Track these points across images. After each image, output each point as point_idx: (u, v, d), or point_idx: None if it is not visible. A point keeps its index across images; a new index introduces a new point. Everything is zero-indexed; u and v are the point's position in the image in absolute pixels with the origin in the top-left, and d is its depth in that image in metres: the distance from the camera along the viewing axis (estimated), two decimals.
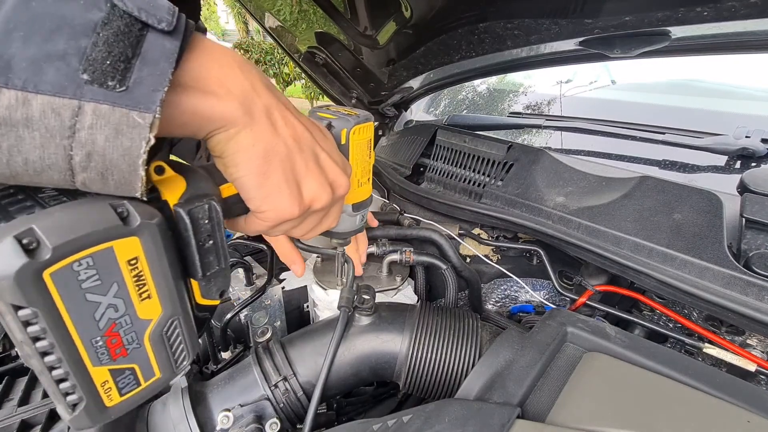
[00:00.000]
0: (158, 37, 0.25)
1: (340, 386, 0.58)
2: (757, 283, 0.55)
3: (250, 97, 0.31)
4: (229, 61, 0.30)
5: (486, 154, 0.94)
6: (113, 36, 0.23)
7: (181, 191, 0.30)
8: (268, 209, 0.35)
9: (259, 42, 8.05)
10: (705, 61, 1.15)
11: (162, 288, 0.29)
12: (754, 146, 0.87)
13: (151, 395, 0.31)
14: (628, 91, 1.34)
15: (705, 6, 0.63)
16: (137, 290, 0.27)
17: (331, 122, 0.46)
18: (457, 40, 0.95)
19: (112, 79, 0.23)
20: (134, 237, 0.26)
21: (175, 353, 0.32)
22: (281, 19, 1.08)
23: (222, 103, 0.29)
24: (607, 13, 0.74)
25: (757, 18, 0.62)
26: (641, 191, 0.71)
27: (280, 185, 0.34)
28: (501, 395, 0.44)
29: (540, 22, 0.81)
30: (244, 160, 0.32)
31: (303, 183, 0.36)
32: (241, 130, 0.31)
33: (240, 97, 0.30)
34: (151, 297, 0.28)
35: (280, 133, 0.33)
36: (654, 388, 0.43)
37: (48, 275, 0.23)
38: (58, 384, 0.26)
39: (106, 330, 0.27)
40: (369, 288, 0.60)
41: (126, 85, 0.23)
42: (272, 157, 0.33)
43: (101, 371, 0.27)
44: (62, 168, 0.23)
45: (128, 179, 0.25)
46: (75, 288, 0.24)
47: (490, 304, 0.93)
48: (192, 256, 0.31)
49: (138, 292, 0.27)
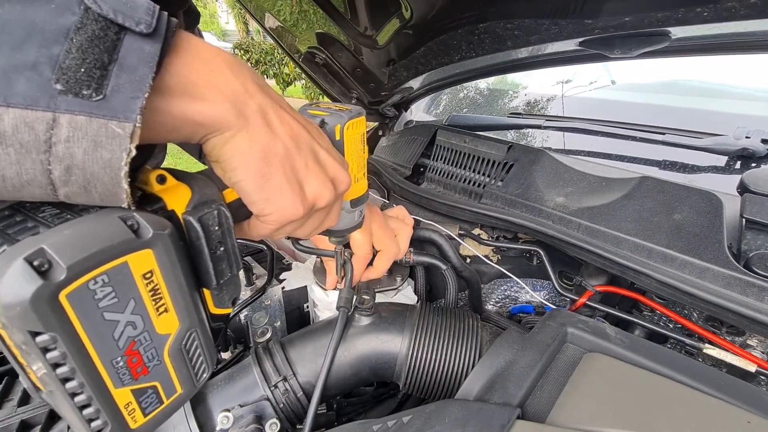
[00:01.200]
0: (137, 40, 0.23)
1: (340, 386, 0.58)
2: (757, 284, 0.55)
3: (242, 98, 0.30)
4: (218, 62, 0.29)
5: (486, 154, 0.94)
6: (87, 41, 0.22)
7: (186, 199, 0.30)
8: (272, 212, 0.34)
9: (259, 42, 8.05)
10: (705, 61, 1.15)
11: (178, 300, 0.28)
12: (754, 146, 0.87)
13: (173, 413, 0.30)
14: (628, 92, 1.34)
15: (705, 6, 0.63)
16: (154, 305, 0.26)
17: (324, 119, 0.45)
18: (457, 41, 0.95)
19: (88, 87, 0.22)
20: (148, 249, 0.25)
21: (195, 366, 0.31)
22: (281, 19, 1.08)
23: (213, 106, 0.28)
24: (607, 14, 0.74)
25: (757, 18, 0.62)
26: (641, 191, 0.71)
27: (281, 186, 0.33)
28: (501, 396, 0.44)
29: (540, 23, 0.81)
30: (242, 163, 0.31)
31: (305, 182, 0.35)
32: (236, 134, 0.30)
33: (231, 98, 0.29)
34: (168, 311, 0.27)
35: (277, 133, 0.32)
36: (654, 389, 0.43)
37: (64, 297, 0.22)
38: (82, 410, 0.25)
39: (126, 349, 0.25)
40: (369, 288, 0.60)
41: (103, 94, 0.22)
42: (271, 158, 0.32)
43: (124, 392, 0.26)
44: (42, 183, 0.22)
45: (112, 191, 0.24)
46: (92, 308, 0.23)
47: (490, 304, 0.93)
48: (205, 264, 0.30)
49: (155, 307, 0.26)
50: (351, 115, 0.46)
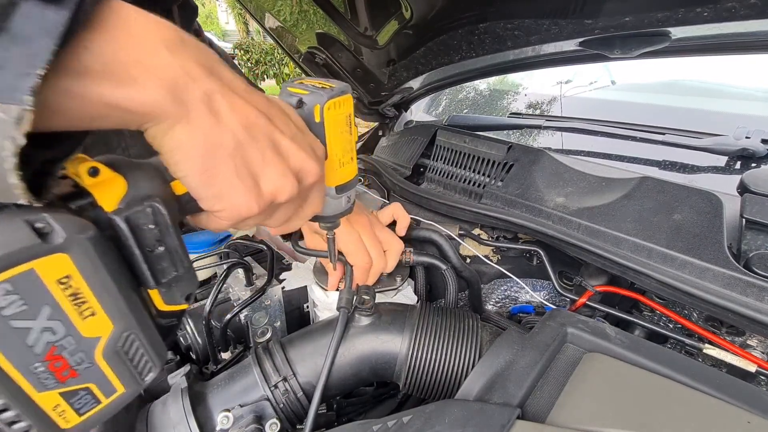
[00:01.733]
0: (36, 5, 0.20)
1: (340, 387, 0.58)
2: (757, 284, 0.55)
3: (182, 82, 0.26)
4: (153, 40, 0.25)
5: (486, 154, 0.94)
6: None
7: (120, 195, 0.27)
8: (222, 208, 0.31)
9: (259, 42, 8.06)
10: (705, 61, 1.15)
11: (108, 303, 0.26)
12: (754, 147, 0.87)
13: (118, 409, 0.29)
14: (628, 92, 1.34)
15: (705, 6, 0.63)
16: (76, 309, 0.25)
17: (302, 98, 0.40)
18: (457, 41, 0.95)
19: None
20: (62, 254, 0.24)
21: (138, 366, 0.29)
22: (281, 19, 1.08)
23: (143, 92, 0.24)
24: (607, 14, 0.74)
25: (757, 19, 0.62)
26: (641, 192, 0.71)
27: (231, 182, 0.30)
28: (501, 396, 0.44)
29: (540, 23, 0.81)
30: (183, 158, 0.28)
31: (260, 176, 0.31)
32: (174, 124, 0.26)
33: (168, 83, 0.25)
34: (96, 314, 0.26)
35: (226, 123, 0.28)
36: (654, 389, 0.43)
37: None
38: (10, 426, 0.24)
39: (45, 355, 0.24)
40: (369, 288, 0.60)
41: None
42: (217, 151, 0.28)
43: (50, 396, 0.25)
44: None
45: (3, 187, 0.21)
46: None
47: (490, 304, 0.93)
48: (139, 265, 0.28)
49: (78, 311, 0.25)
50: (332, 94, 0.41)
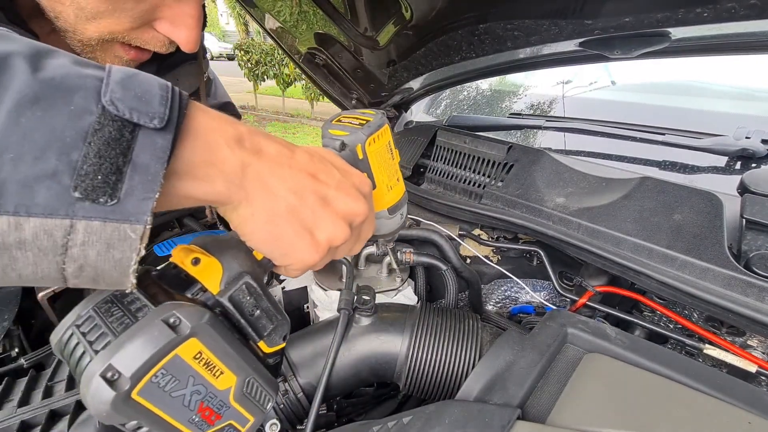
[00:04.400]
0: (150, 135, 0.24)
1: (341, 387, 0.58)
2: (757, 284, 0.55)
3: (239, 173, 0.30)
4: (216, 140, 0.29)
5: (486, 154, 0.94)
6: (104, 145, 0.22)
7: (219, 278, 0.34)
8: (290, 263, 0.36)
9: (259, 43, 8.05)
10: (705, 61, 1.15)
11: (229, 363, 0.33)
12: (754, 147, 0.87)
13: None
14: (628, 92, 1.34)
15: (704, 7, 0.63)
16: (210, 373, 0.32)
17: (344, 141, 0.45)
18: (457, 41, 0.95)
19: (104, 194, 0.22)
20: (192, 339, 0.30)
21: (260, 400, 0.37)
22: (281, 20, 1.08)
23: (213, 185, 0.29)
24: (607, 14, 0.74)
25: (757, 19, 0.62)
26: (641, 192, 0.71)
27: (292, 241, 0.34)
28: (501, 396, 0.44)
29: (540, 23, 0.81)
30: (250, 230, 0.33)
31: (314, 229, 0.35)
32: (238, 205, 0.31)
33: (230, 175, 0.30)
34: (224, 372, 0.33)
35: (277, 194, 0.33)
36: (654, 390, 0.43)
37: (136, 394, 0.27)
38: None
39: (197, 408, 0.32)
40: (369, 289, 0.60)
41: (117, 198, 0.23)
42: (275, 219, 0.33)
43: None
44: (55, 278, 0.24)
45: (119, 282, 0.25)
46: (160, 393, 0.29)
47: (490, 304, 0.93)
48: (245, 328, 0.36)
49: (212, 374, 0.32)
50: (370, 131, 0.45)
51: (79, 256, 0.23)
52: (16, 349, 0.71)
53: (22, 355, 0.69)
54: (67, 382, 0.60)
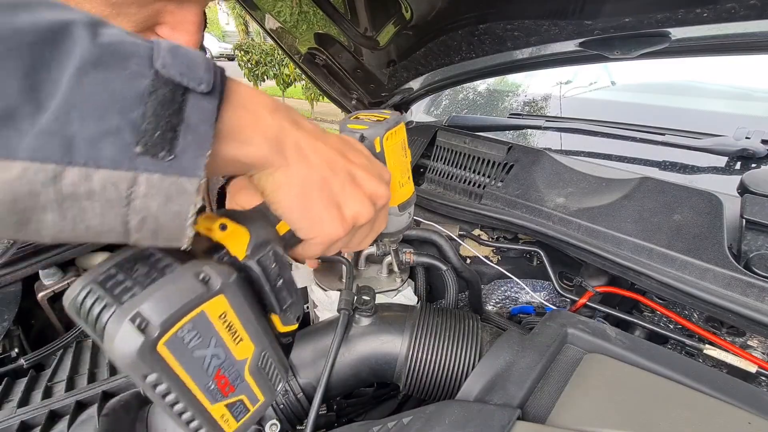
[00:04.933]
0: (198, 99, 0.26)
1: (341, 387, 0.58)
2: (757, 284, 0.55)
3: (280, 138, 0.33)
4: (258, 107, 0.32)
5: (486, 155, 0.94)
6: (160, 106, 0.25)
7: (245, 244, 0.34)
8: (316, 236, 0.37)
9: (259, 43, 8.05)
10: (705, 61, 1.15)
11: (250, 330, 0.33)
12: (754, 147, 0.87)
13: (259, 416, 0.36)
14: (627, 92, 1.34)
15: (704, 7, 0.63)
16: (231, 338, 0.32)
17: (363, 134, 0.47)
18: (457, 42, 0.95)
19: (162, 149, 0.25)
20: (220, 296, 0.30)
21: (272, 378, 0.36)
22: (281, 20, 1.08)
23: (256, 149, 0.31)
24: (607, 15, 0.74)
25: (757, 19, 0.62)
26: (641, 192, 0.71)
27: (321, 213, 0.36)
28: (501, 397, 0.44)
29: (540, 24, 0.81)
30: (283, 197, 0.34)
31: (343, 204, 0.37)
32: (276, 170, 0.33)
33: (271, 140, 0.32)
34: (243, 340, 0.33)
35: (313, 164, 0.35)
36: (654, 390, 0.43)
37: (162, 345, 0.27)
38: (188, 424, 0.31)
39: (214, 375, 0.31)
40: (369, 289, 0.60)
41: (174, 154, 0.25)
42: (309, 188, 0.35)
43: (218, 407, 0.32)
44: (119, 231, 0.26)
45: (177, 237, 0.27)
46: (184, 350, 0.29)
47: (490, 305, 0.93)
48: (268, 297, 0.36)
49: (232, 339, 0.32)
50: (388, 126, 0.48)
51: (141, 208, 0.25)
52: (16, 350, 0.71)
53: (22, 355, 0.69)
54: (66, 382, 0.61)
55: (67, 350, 0.70)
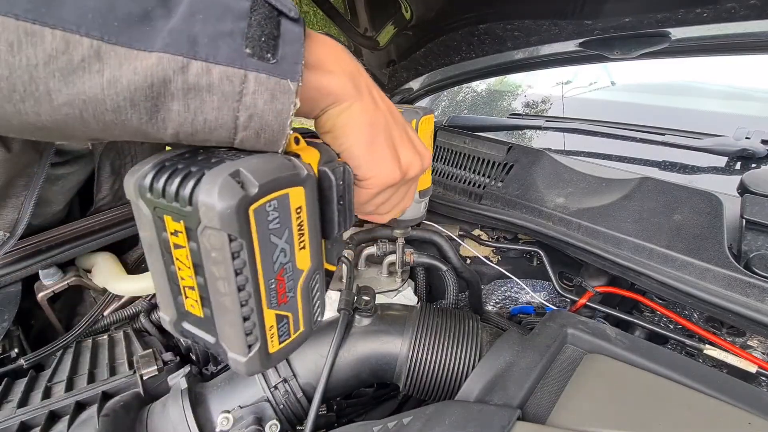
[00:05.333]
0: (289, 23, 0.29)
1: (340, 388, 0.58)
2: (757, 284, 0.55)
3: (357, 75, 0.36)
4: (338, 47, 0.35)
5: (486, 155, 0.94)
6: (262, 19, 0.28)
7: (317, 157, 0.34)
8: (374, 174, 0.39)
9: None
10: (705, 62, 1.15)
11: (313, 240, 0.32)
12: (754, 147, 0.87)
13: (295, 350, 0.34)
14: (627, 92, 1.34)
15: (704, 7, 0.63)
16: (299, 239, 0.30)
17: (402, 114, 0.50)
18: (457, 42, 0.95)
19: (267, 52, 0.28)
20: (301, 187, 0.29)
21: (314, 307, 0.34)
22: None
23: (338, 79, 0.34)
24: (607, 15, 0.74)
25: (757, 19, 0.62)
26: (641, 192, 0.71)
27: (383, 151, 0.38)
28: (501, 397, 0.44)
29: (540, 24, 0.81)
30: (354, 130, 0.36)
31: (400, 151, 0.40)
32: (352, 104, 0.35)
33: (351, 75, 0.35)
34: (305, 248, 0.31)
35: (380, 107, 0.38)
36: (655, 390, 0.43)
37: (252, 211, 0.26)
38: (244, 321, 0.28)
39: (278, 273, 0.29)
40: (369, 289, 0.60)
41: (276, 59, 0.28)
42: (376, 126, 0.37)
43: (270, 314, 0.30)
44: (230, 127, 0.28)
45: (277, 137, 0.29)
46: (265, 227, 0.27)
47: (490, 305, 0.93)
48: (331, 213, 0.34)
49: (298, 241, 0.30)
50: (425, 112, 0.53)
51: (250, 104, 0.27)
52: (15, 350, 0.71)
53: (21, 355, 0.69)
54: (66, 382, 0.60)
55: (66, 350, 0.70)
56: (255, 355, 0.30)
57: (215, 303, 0.29)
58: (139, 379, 0.59)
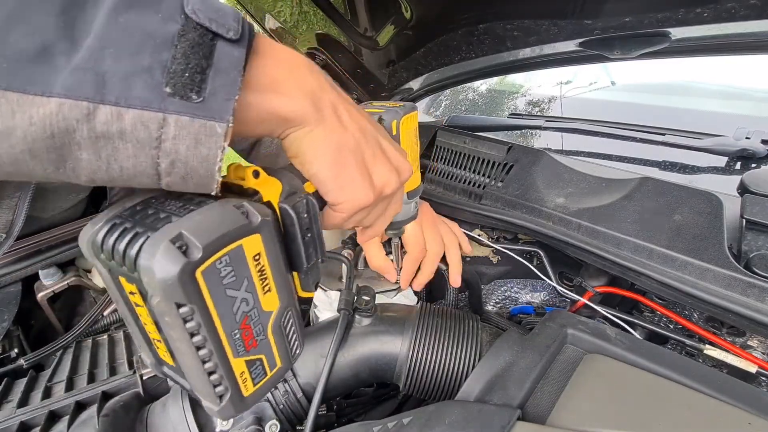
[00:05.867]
0: (227, 46, 0.26)
1: (340, 387, 0.58)
2: (757, 284, 0.55)
3: (317, 95, 0.32)
4: (296, 63, 0.32)
5: (486, 155, 0.94)
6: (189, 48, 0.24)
7: (279, 191, 0.33)
8: (345, 200, 0.36)
9: None
10: (705, 62, 1.15)
11: (279, 280, 0.31)
12: (754, 147, 0.87)
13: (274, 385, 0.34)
14: (627, 92, 1.34)
15: (704, 7, 0.63)
16: (261, 284, 0.29)
17: (381, 116, 0.48)
18: (457, 41, 0.95)
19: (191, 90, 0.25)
20: (257, 234, 0.28)
21: (291, 342, 0.34)
22: (281, 20, 1.08)
23: (296, 102, 0.31)
24: (607, 14, 0.74)
25: (757, 19, 0.62)
26: (641, 192, 0.71)
27: (353, 175, 0.36)
28: (501, 397, 0.44)
29: (540, 23, 0.81)
30: (319, 155, 0.33)
31: (373, 171, 0.38)
32: (314, 128, 0.32)
33: (311, 95, 0.32)
34: (271, 290, 0.30)
35: (348, 127, 0.35)
36: (655, 390, 0.43)
37: (199, 273, 0.25)
38: (209, 375, 0.28)
39: (241, 323, 0.29)
40: (369, 289, 0.60)
41: (203, 96, 0.25)
42: (344, 149, 0.34)
43: (239, 362, 0.29)
44: (150, 174, 0.25)
45: (206, 182, 0.27)
46: (218, 284, 0.26)
47: (490, 305, 0.93)
48: (298, 248, 0.33)
49: (262, 286, 0.30)
50: (405, 111, 0.50)
51: (171, 150, 0.25)
52: (15, 350, 0.71)
53: (21, 355, 0.69)
54: (66, 382, 0.60)
55: (66, 350, 0.70)
56: (227, 404, 0.29)
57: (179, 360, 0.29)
58: (139, 379, 0.59)
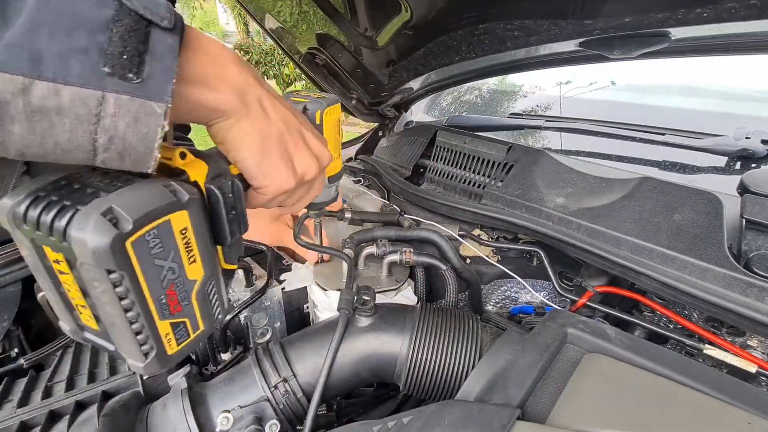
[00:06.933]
0: (161, 33, 0.27)
1: (340, 387, 0.58)
2: (757, 284, 0.55)
3: (244, 89, 0.35)
4: (225, 58, 0.34)
5: (486, 155, 0.94)
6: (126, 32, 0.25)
7: (205, 172, 0.35)
8: (269, 184, 0.40)
9: (259, 43, 8.06)
10: (705, 62, 1.15)
11: (204, 253, 0.34)
12: (754, 147, 0.87)
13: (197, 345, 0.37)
14: (627, 92, 1.34)
15: (705, 7, 0.63)
16: (187, 255, 0.33)
17: (306, 105, 0.51)
18: (457, 41, 0.95)
19: (130, 71, 0.25)
20: (184, 210, 0.31)
21: (213, 308, 0.37)
22: (281, 20, 1.08)
23: (223, 96, 0.33)
24: (607, 14, 0.74)
25: (757, 19, 0.62)
26: (641, 192, 0.71)
27: (276, 162, 0.39)
28: (501, 397, 0.44)
29: (540, 23, 0.81)
30: (244, 144, 0.36)
31: (295, 158, 0.41)
32: (240, 119, 0.35)
33: (237, 89, 0.34)
34: (196, 261, 0.34)
35: (272, 119, 0.38)
36: (654, 390, 0.43)
37: (129, 244, 0.27)
38: (136, 335, 0.31)
39: (167, 289, 0.32)
40: (369, 289, 0.60)
41: (141, 78, 0.26)
42: (268, 139, 0.38)
43: (164, 324, 0.32)
44: (87, 149, 0.26)
45: (144, 159, 0.28)
46: (147, 254, 0.29)
47: (490, 305, 0.93)
48: (222, 224, 0.36)
49: (187, 257, 0.33)
50: (329, 102, 0.54)
51: (110, 126, 0.26)
52: (15, 350, 0.71)
53: (21, 355, 0.69)
54: (66, 382, 0.60)
55: (66, 350, 0.70)
56: (153, 360, 0.32)
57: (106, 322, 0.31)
58: (139, 379, 0.59)
